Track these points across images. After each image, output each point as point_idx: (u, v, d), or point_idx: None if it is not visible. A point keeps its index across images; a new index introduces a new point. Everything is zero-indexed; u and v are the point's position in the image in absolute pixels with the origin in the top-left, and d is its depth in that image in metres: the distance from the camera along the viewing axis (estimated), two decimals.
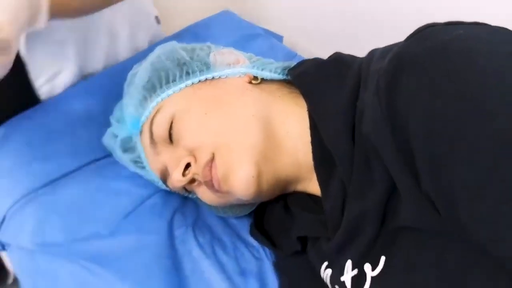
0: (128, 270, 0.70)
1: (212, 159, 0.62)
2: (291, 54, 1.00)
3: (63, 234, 0.73)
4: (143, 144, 0.70)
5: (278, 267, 0.73)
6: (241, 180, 0.61)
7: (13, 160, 0.79)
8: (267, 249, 0.76)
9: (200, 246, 0.74)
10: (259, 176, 0.61)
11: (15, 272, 0.77)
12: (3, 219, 0.77)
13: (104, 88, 0.86)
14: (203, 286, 0.71)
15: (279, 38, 1.04)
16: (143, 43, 0.99)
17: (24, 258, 0.74)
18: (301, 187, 0.67)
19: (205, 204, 0.77)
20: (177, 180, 0.64)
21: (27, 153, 0.79)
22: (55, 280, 0.71)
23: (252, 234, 0.76)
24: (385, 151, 0.48)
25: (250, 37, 0.96)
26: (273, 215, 0.73)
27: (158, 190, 0.78)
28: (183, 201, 0.79)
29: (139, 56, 0.85)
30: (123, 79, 0.78)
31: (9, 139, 0.81)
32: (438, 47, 0.45)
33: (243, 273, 0.73)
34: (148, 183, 0.78)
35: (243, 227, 0.78)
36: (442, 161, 0.43)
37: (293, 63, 0.72)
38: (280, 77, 0.71)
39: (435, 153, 0.44)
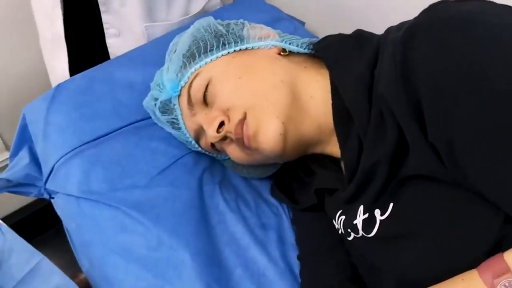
0: (162, 217, 0.79)
1: (244, 118, 0.70)
2: (313, 38, 1.07)
3: (106, 184, 0.82)
4: (181, 106, 0.79)
5: (295, 222, 0.81)
6: (269, 137, 0.69)
7: (63, 118, 0.88)
8: (285, 207, 0.84)
9: (226, 201, 0.83)
10: (285, 134, 0.69)
11: (62, 218, 0.86)
12: (52, 170, 0.86)
13: (143, 60, 0.95)
14: (228, 236, 0.79)
15: (301, 23, 1.12)
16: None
17: (70, 204, 0.83)
18: (320, 149, 0.75)
19: (230, 165, 0.86)
20: (211, 136, 0.73)
21: (75, 113, 0.89)
22: (98, 224, 0.80)
23: (272, 193, 0.85)
24: (397, 106, 0.56)
25: (275, 20, 1.04)
26: (293, 174, 0.82)
27: (189, 151, 0.87)
28: (211, 162, 0.87)
29: (175, 33, 0.94)
30: (161, 51, 0.87)
31: (59, 100, 0.90)
32: (447, 17, 0.54)
33: (263, 226, 0.81)
34: (181, 144, 0.86)
35: (264, 187, 0.86)
36: (448, 114, 0.51)
37: (317, 39, 0.80)
38: (306, 51, 0.79)
39: (442, 107, 0.52)
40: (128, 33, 1.02)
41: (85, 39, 1.04)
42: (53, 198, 0.87)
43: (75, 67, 1.03)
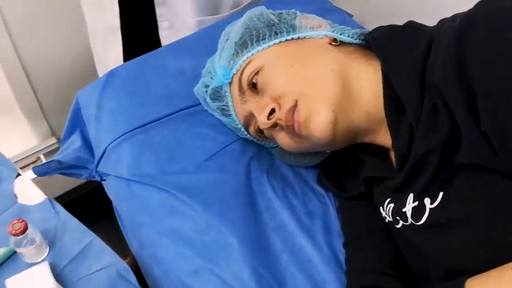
0: (211, 201, 0.80)
1: (295, 105, 0.71)
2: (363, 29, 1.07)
3: (156, 167, 0.84)
4: (232, 93, 0.80)
5: (341, 210, 0.81)
6: (319, 124, 0.70)
7: (114, 103, 0.91)
8: (331, 196, 0.84)
9: (274, 189, 0.84)
10: (335, 122, 0.70)
11: (112, 200, 0.89)
12: (104, 153, 0.89)
13: (194, 48, 0.97)
14: (275, 222, 0.80)
15: (349, 16, 1.12)
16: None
17: (121, 186, 0.86)
18: (369, 138, 0.76)
19: (278, 153, 0.87)
20: (262, 123, 0.74)
21: (126, 99, 0.91)
22: (147, 206, 0.82)
23: (319, 181, 0.85)
24: (451, 95, 0.56)
25: (324, 11, 1.04)
26: (340, 163, 0.82)
27: (238, 138, 0.88)
28: (259, 149, 0.88)
29: (226, 22, 0.95)
30: (212, 39, 0.89)
31: (111, 86, 0.93)
32: (503, 9, 0.54)
33: (310, 214, 0.82)
34: (229, 131, 0.88)
35: (311, 176, 0.87)
36: (501, 104, 0.51)
37: (368, 30, 0.81)
38: (357, 41, 0.79)
39: (496, 96, 0.52)
40: (180, 27, 1.04)
41: (139, 31, 1.07)
42: (104, 180, 0.90)
43: (128, 58, 1.05)
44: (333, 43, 0.78)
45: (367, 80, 0.73)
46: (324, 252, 0.77)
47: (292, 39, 0.78)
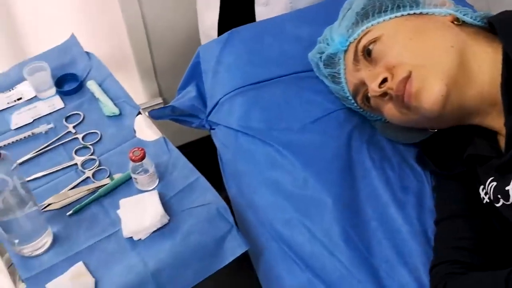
0: (311, 160, 0.85)
1: (409, 76, 0.73)
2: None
3: (263, 123, 0.90)
4: (345, 61, 0.83)
5: (437, 188, 0.82)
6: (431, 96, 0.71)
7: (233, 60, 0.97)
8: (428, 176, 0.85)
9: (372, 159, 0.86)
10: (447, 97, 0.71)
11: (218, 148, 0.96)
12: (216, 104, 0.96)
13: (313, 17, 1.01)
14: (369, 190, 0.83)
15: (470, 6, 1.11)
16: None
17: (229, 137, 0.92)
18: (478, 120, 0.76)
19: (380, 127, 0.89)
20: (373, 90, 0.76)
21: (244, 57, 0.98)
22: (252, 157, 0.88)
23: (418, 159, 0.86)
24: None
25: None
26: (442, 142, 0.83)
27: (343, 107, 0.91)
28: (362, 121, 0.91)
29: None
30: (331, 11, 0.92)
31: (231, 44, 0.99)
32: None
33: (404, 189, 0.84)
34: (336, 100, 0.91)
35: (410, 154, 0.88)
36: None
37: (491, 13, 0.80)
38: (479, 23, 0.79)
39: None
40: (275, 4, 1.08)
41: (236, 2, 1.12)
42: (213, 129, 0.97)
43: (223, 25, 1.12)
44: (455, 22, 0.78)
45: (486, 61, 0.73)
46: (414, 226, 0.79)
47: (414, 13, 0.80)
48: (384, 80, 0.76)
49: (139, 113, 0.98)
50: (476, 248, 0.71)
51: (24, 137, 0.94)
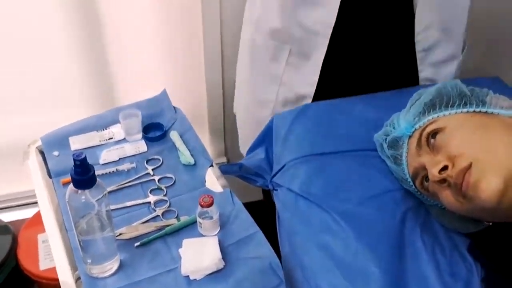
0: (364, 232, 0.89)
1: (469, 167, 0.78)
2: None
3: (323, 191, 0.96)
4: (409, 145, 0.90)
5: (486, 282, 0.84)
6: (488, 188, 0.76)
7: (303, 130, 1.06)
8: (479, 267, 0.87)
9: (423, 242, 0.89)
10: (504, 191, 0.75)
11: (278, 208, 1.02)
12: (283, 167, 1.04)
13: (382, 103, 1.09)
14: (417, 270, 0.86)
15: None
16: None
17: (289, 199, 0.99)
18: None
19: (435, 212, 0.93)
20: (433, 175, 0.82)
21: (313, 129, 1.06)
22: (308, 220, 0.94)
23: (470, 249, 0.89)
24: None
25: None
26: (495, 236, 0.85)
27: (401, 188, 0.96)
28: (418, 204, 0.95)
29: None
30: (401, 101, 1.00)
31: (304, 116, 1.09)
32: None
33: (453, 275, 0.86)
34: (395, 180, 0.97)
35: (463, 242, 0.91)
36: None
37: None
38: None
39: None
40: None
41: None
42: (276, 190, 1.05)
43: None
44: None
45: None
46: None
47: (480, 111, 0.86)
48: (445, 168, 0.81)
49: (211, 165, 1.08)
50: None
51: (109, 172, 1.06)
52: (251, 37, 1.16)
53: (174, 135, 1.14)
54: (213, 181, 1.05)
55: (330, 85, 1.13)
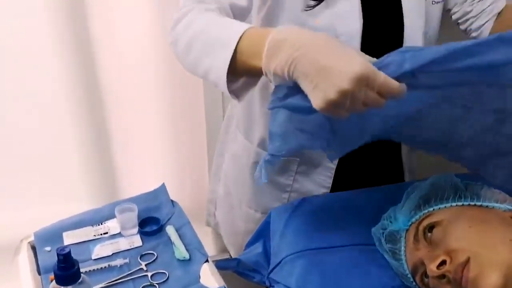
0: None
1: (467, 262, 0.76)
2: None
3: (321, 287, 0.93)
4: (406, 239, 0.88)
5: None
6: (488, 284, 0.73)
7: (300, 224, 1.05)
8: None
9: None
10: (504, 287, 0.73)
11: None
12: (279, 263, 1.01)
13: (379, 197, 1.09)
14: None
15: None
16: None
17: None
18: None
19: None
20: (431, 270, 0.79)
21: (310, 223, 1.05)
22: None
23: None
24: None
25: None
26: None
27: (401, 284, 0.93)
28: None
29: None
30: (392, 194, 1.00)
31: (301, 210, 1.08)
32: None
33: None
34: (395, 276, 0.94)
35: None
36: None
37: None
38: None
39: None
40: None
41: None
42: (272, 286, 1.01)
43: None
44: None
45: None
46: None
47: (475, 205, 0.85)
48: (443, 262, 0.79)
49: (207, 260, 1.05)
50: None
51: (101, 267, 1.04)
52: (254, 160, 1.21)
53: (170, 230, 1.13)
54: (208, 277, 1.02)
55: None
